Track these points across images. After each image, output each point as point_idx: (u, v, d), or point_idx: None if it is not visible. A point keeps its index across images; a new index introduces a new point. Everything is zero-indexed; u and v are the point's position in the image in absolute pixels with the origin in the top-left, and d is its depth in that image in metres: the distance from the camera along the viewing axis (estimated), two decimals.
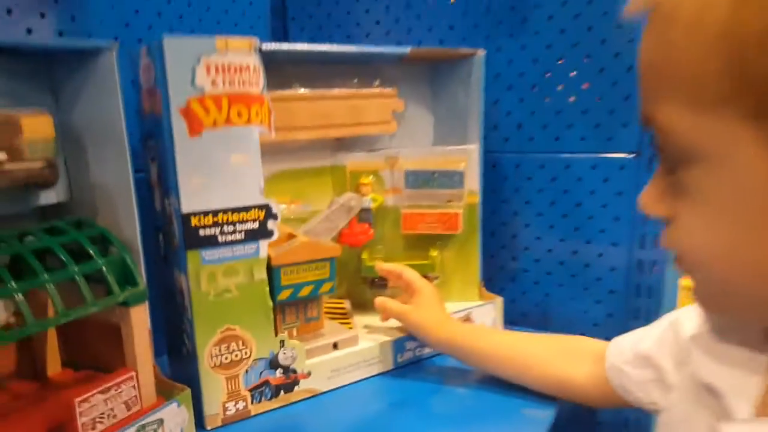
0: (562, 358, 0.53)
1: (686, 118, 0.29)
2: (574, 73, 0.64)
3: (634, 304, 0.68)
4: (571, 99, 0.65)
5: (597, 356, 0.50)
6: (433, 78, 0.69)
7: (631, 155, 0.64)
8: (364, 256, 0.67)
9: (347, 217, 0.63)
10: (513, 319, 0.71)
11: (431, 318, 0.59)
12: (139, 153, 0.51)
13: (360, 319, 0.65)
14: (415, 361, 0.62)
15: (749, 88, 0.26)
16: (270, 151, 0.51)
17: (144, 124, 0.51)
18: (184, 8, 0.64)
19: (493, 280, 0.74)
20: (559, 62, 0.65)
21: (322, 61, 0.62)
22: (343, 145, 0.66)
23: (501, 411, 0.52)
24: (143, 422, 0.45)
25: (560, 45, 0.64)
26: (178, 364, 0.54)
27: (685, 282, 0.59)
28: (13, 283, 0.38)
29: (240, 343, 0.51)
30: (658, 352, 0.44)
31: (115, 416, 0.44)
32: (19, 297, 0.38)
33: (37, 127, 0.43)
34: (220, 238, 0.48)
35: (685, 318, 0.42)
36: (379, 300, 0.61)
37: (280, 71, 0.54)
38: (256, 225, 0.50)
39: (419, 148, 0.68)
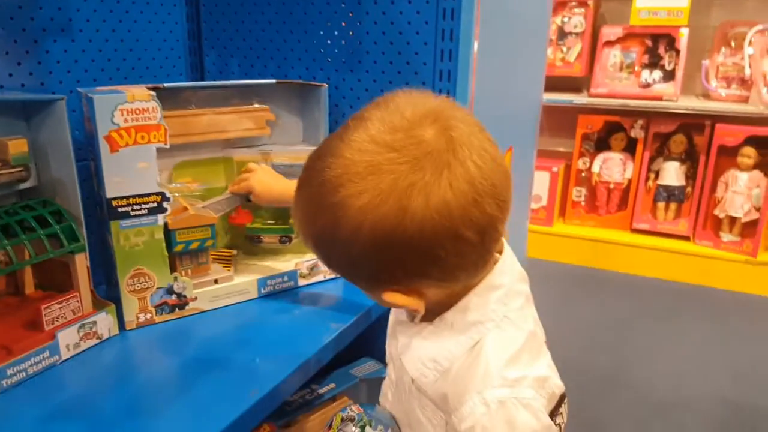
0: None
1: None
2: None
3: None
4: None
5: None
6: (302, 96, 0.97)
7: None
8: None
9: (234, 205, 0.92)
10: None
11: (274, 184, 0.87)
12: (85, 148, 0.79)
13: (242, 264, 0.95)
14: (273, 293, 0.93)
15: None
16: (178, 147, 0.80)
17: (86, 136, 0.79)
18: (111, 53, 0.91)
19: None
20: (381, 91, 0.93)
21: (216, 88, 0.90)
22: (231, 144, 0.95)
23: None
24: (83, 323, 0.76)
25: (381, 80, 0.93)
26: (110, 290, 0.84)
27: None
28: (6, 241, 0.68)
29: (146, 277, 0.81)
30: None
31: (66, 317, 0.75)
32: (9, 248, 0.68)
33: (17, 146, 0.71)
34: (131, 213, 0.78)
35: None
36: (233, 185, 0.90)
37: (181, 97, 0.82)
38: (155, 205, 0.79)
39: (286, 146, 0.97)
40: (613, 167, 2.65)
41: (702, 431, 1.54)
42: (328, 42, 0.96)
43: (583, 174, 2.72)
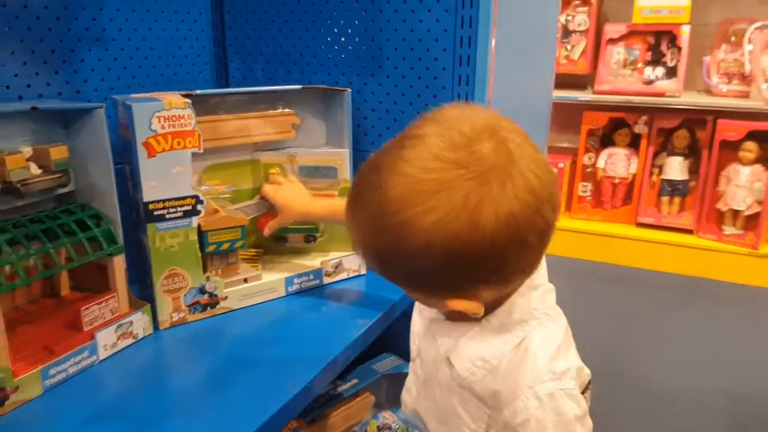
0: None
1: None
2: (411, 104, 0.96)
3: None
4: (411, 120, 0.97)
5: None
6: (325, 100, 0.99)
7: None
8: None
9: (262, 210, 0.95)
10: None
11: (297, 201, 0.92)
12: (121, 153, 0.82)
13: (268, 264, 0.98)
14: (300, 291, 0.96)
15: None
16: (208, 151, 0.83)
17: (122, 142, 0.82)
18: (141, 60, 0.94)
19: None
20: (402, 95, 0.96)
21: (243, 94, 0.93)
22: (258, 147, 0.98)
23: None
24: (120, 323, 0.79)
25: (402, 84, 0.96)
26: (144, 290, 0.87)
27: None
28: (49, 244, 0.71)
29: (180, 278, 0.84)
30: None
31: (104, 318, 0.78)
32: (51, 251, 0.71)
33: (58, 153, 0.74)
34: (167, 215, 0.81)
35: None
36: (267, 229, 0.92)
37: (211, 103, 0.85)
38: (189, 207, 0.82)
39: (311, 149, 1.00)
40: (617, 162, 2.68)
41: (708, 422, 1.58)
42: (350, 48, 0.99)
43: (588, 169, 2.75)
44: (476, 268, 0.52)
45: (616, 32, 2.59)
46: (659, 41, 2.56)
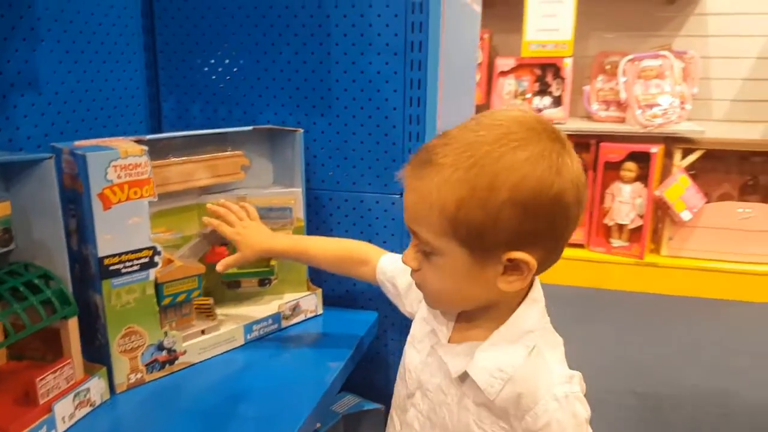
0: (357, 262, 0.87)
1: (433, 237, 0.60)
2: (362, 142, 0.98)
3: None
4: (361, 159, 0.98)
5: (372, 266, 0.85)
6: (273, 142, 0.98)
7: (398, 196, 0.99)
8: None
9: (209, 245, 0.92)
10: (332, 303, 1.04)
11: (258, 236, 0.88)
12: (64, 205, 0.75)
13: (220, 311, 0.94)
14: (259, 338, 0.93)
15: (456, 231, 0.58)
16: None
17: (65, 192, 0.75)
18: (75, 104, 0.88)
19: (318, 276, 1.05)
20: (353, 134, 0.97)
21: (195, 137, 0.89)
22: (205, 190, 0.94)
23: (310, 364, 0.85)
24: (77, 391, 0.72)
25: (353, 123, 0.97)
26: (93, 350, 0.80)
27: None
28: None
29: (137, 336, 0.78)
30: (404, 290, 0.81)
31: (60, 387, 0.71)
32: (4, 321, 0.64)
33: (1, 210, 0.67)
34: (123, 270, 0.75)
35: None
36: (220, 265, 0.86)
37: (159, 147, 0.81)
38: (146, 260, 0.77)
39: (260, 189, 0.98)
40: None
41: (616, 422, 1.71)
42: (298, 88, 0.98)
43: None
44: (545, 217, 0.58)
45: (507, 65, 2.79)
46: (545, 73, 2.78)
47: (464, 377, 0.65)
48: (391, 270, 0.84)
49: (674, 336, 2.27)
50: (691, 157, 2.62)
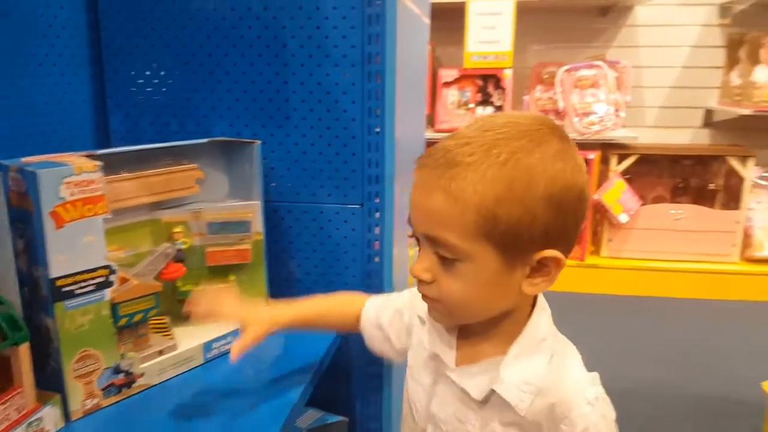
0: (346, 317, 0.84)
1: (462, 241, 0.57)
2: (321, 153, 0.97)
3: (368, 284, 1.03)
4: (321, 170, 0.98)
5: (359, 315, 0.82)
6: (228, 154, 0.96)
7: (358, 206, 0.99)
8: (179, 283, 0.93)
9: (166, 261, 0.89)
10: None
11: (260, 311, 0.81)
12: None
13: (178, 330, 0.91)
14: (219, 356, 0.90)
15: (492, 231, 0.56)
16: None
17: (12, 211, 0.71)
18: (21, 119, 0.83)
19: (278, 289, 1.04)
20: (311, 145, 0.97)
21: (148, 151, 0.86)
22: (158, 204, 0.91)
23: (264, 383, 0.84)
24: (29, 421, 0.68)
25: (311, 135, 0.96)
26: (45, 377, 0.76)
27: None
28: None
29: (93, 359, 0.75)
30: (388, 327, 0.78)
31: (10, 419, 0.66)
32: None
33: None
34: (77, 291, 0.72)
35: (418, 302, 0.70)
36: (233, 354, 0.73)
37: (111, 162, 0.78)
38: (102, 279, 0.74)
39: (215, 203, 0.95)
40: None
41: None
42: (253, 100, 0.97)
43: None
44: (573, 212, 0.58)
45: (450, 76, 2.84)
46: (487, 83, 2.85)
47: (487, 398, 0.63)
48: (374, 311, 0.81)
49: (616, 333, 2.36)
50: (626, 162, 2.75)
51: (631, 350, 2.21)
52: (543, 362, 0.62)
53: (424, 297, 0.64)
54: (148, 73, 0.98)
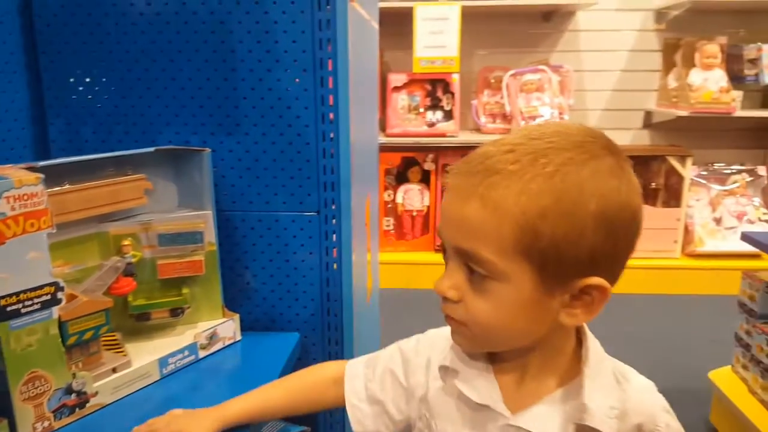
0: (311, 395, 0.75)
1: (498, 257, 0.52)
2: (275, 160, 0.96)
3: (326, 307, 1.02)
4: (274, 177, 0.96)
5: (337, 380, 0.72)
6: (177, 163, 0.93)
7: (315, 213, 0.98)
8: (130, 298, 0.90)
9: (115, 275, 0.85)
10: (251, 327, 1.01)
11: (204, 419, 0.71)
12: None
13: (130, 346, 0.88)
14: (175, 371, 0.87)
15: (532, 248, 0.51)
16: None
17: None
18: None
19: (234, 300, 1.02)
20: (264, 152, 0.95)
21: (91, 161, 0.83)
22: (104, 217, 0.88)
23: None
24: None
25: (263, 142, 0.95)
26: None
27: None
28: None
29: (42, 380, 0.71)
30: (381, 394, 0.69)
31: None
32: None
33: None
34: (23, 310, 0.68)
35: (424, 353, 0.67)
36: None
37: (53, 173, 0.75)
38: (48, 297, 0.71)
39: (164, 214, 0.92)
40: (413, 197, 2.93)
41: None
42: (201, 107, 0.95)
43: (389, 205, 2.96)
44: (625, 235, 0.53)
45: (399, 81, 2.86)
46: (435, 88, 2.89)
47: None
48: (362, 382, 0.72)
49: None
50: None
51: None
52: (614, 383, 0.59)
53: (448, 318, 0.59)
54: (88, 80, 0.95)
